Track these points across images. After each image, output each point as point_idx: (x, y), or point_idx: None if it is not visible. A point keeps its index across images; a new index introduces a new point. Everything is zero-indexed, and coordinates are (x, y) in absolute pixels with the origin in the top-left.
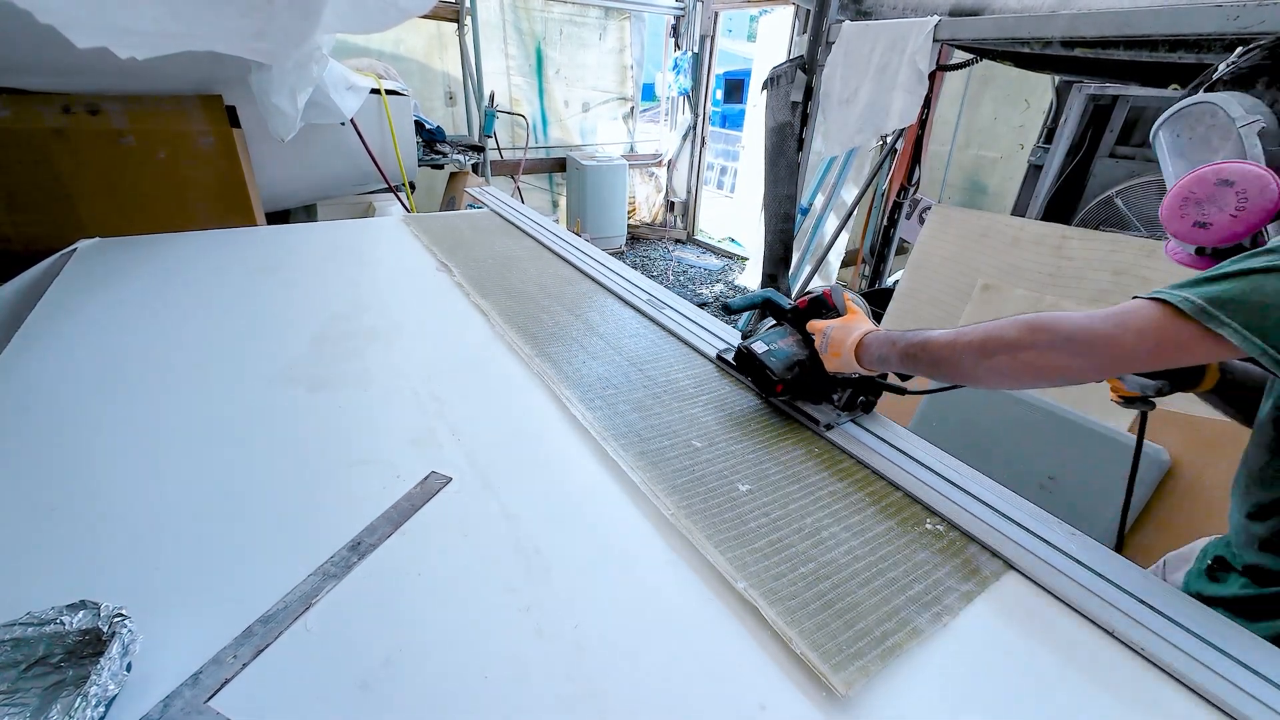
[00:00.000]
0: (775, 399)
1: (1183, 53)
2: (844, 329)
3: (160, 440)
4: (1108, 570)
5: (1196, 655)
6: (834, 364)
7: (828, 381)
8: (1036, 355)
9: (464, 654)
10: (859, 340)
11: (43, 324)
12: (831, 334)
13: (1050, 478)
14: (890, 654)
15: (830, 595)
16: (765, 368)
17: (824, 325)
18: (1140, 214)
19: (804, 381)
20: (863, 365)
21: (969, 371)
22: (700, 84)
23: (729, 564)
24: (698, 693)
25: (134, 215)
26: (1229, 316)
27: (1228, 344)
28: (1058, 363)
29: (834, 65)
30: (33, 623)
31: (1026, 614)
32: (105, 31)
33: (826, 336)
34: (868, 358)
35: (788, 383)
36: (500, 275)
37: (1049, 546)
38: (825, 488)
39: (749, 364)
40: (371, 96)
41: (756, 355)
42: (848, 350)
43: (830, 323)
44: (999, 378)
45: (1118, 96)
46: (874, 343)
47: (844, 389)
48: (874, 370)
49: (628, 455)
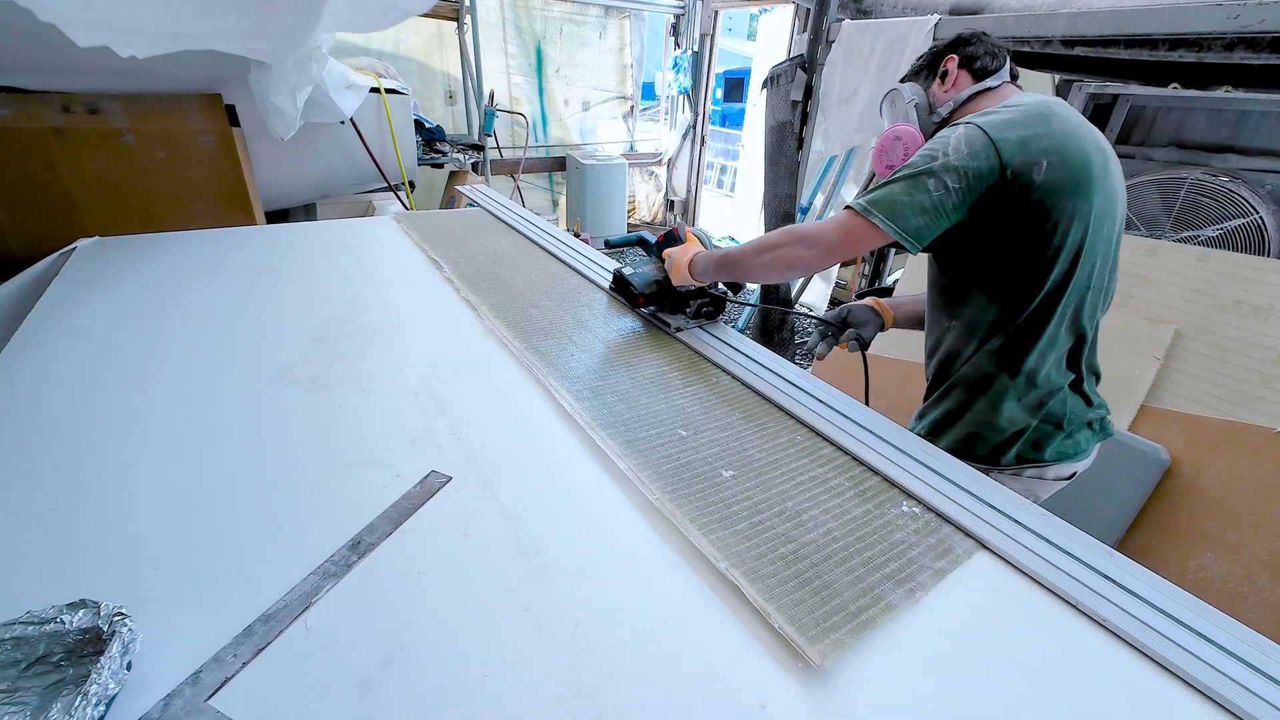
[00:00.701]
0: (641, 310)
1: (1183, 51)
2: (682, 252)
3: (160, 439)
4: (1073, 547)
5: (1153, 624)
6: (677, 279)
7: (678, 295)
8: (785, 251)
9: (464, 654)
10: (690, 260)
11: (42, 323)
12: (674, 257)
13: None
14: (864, 627)
15: (808, 574)
16: (630, 286)
17: (670, 251)
18: (1140, 213)
19: (661, 296)
20: (694, 278)
21: (751, 268)
22: (700, 83)
23: (711, 545)
24: (698, 692)
25: (134, 214)
26: (877, 211)
27: (879, 230)
28: (796, 254)
29: (834, 64)
30: (33, 621)
31: (996, 589)
32: (105, 30)
33: (670, 259)
34: (696, 271)
35: (647, 296)
36: (491, 272)
37: (1019, 526)
38: (806, 473)
39: (622, 285)
40: (371, 95)
41: (625, 277)
42: (683, 268)
43: (673, 249)
44: (768, 270)
45: (1118, 95)
46: (700, 260)
47: (693, 300)
48: (703, 281)
49: (615, 444)
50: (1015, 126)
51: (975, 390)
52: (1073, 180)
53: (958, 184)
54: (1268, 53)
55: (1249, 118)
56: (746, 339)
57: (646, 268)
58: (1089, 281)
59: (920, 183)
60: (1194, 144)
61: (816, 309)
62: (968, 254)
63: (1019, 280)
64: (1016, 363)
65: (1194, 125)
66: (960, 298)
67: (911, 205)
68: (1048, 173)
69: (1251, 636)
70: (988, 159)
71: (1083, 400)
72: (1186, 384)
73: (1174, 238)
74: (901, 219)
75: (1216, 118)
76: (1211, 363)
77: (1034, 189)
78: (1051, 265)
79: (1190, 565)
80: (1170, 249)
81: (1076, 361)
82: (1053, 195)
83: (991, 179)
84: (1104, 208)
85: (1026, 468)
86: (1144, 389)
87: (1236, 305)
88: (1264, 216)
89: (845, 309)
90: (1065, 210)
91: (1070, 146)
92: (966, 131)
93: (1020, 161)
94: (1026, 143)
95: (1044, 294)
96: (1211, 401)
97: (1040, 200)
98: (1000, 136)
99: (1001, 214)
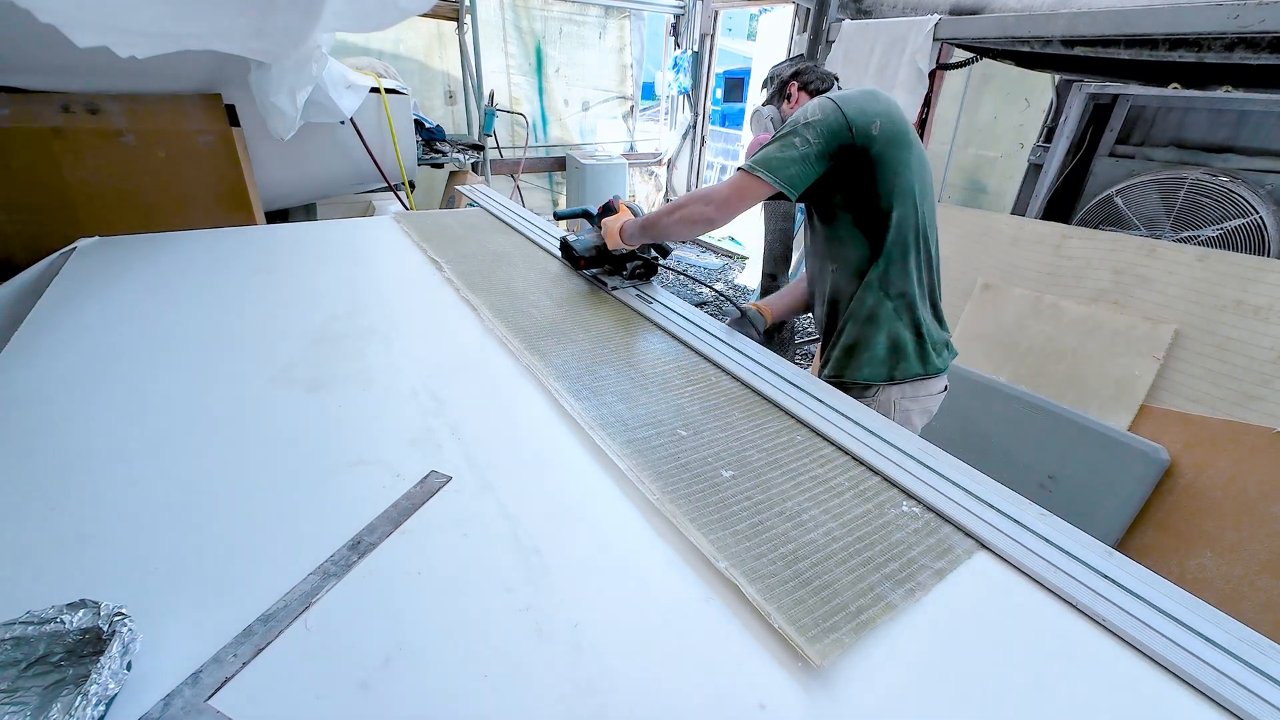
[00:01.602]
0: (583, 271)
1: (1183, 51)
2: (614, 220)
3: (160, 439)
4: (1073, 547)
5: (1153, 624)
6: (611, 244)
7: (615, 258)
8: (690, 209)
9: (464, 654)
10: (620, 226)
11: (42, 323)
12: (607, 225)
13: (1050, 477)
14: (864, 627)
15: (808, 574)
16: (572, 250)
17: (605, 220)
18: (1140, 213)
19: (599, 259)
20: (624, 242)
21: (665, 227)
22: (700, 83)
23: (711, 545)
24: (697, 691)
25: (133, 214)
26: (760, 168)
27: (765, 182)
28: (699, 211)
29: (834, 64)
30: (33, 621)
31: (996, 589)
32: (106, 31)
33: (605, 227)
34: (625, 236)
35: (587, 260)
36: (491, 272)
37: (1019, 526)
38: (806, 473)
39: (567, 250)
40: (371, 95)
41: (569, 244)
42: (615, 234)
43: (609, 219)
44: (678, 227)
45: (1118, 95)
46: (628, 226)
47: (628, 263)
48: (632, 244)
49: (615, 444)
50: (853, 99)
51: (865, 320)
52: (900, 137)
53: (816, 137)
54: (1268, 53)
55: (1249, 118)
56: (747, 339)
57: (588, 236)
58: (929, 216)
59: (788, 141)
60: (1194, 144)
61: None
62: (837, 202)
63: (877, 215)
64: (890, 287)
65: (1194, 125)
66: (837, 241)
67: (784, 159)
68: (882, 130)
69: (1251, 636)
70: (836, 118)
71: (938, 323)
72: (1186, 384)
73: (1174, 238)
74: (779, 171)
75: (1216, 118)
76: (1211, 363)
77: (874, 142)
78: (898, 202)
79: (1190, 565)
80: (1170, 249)
81: (932, 289)
82: (888, 148)
83: (842, 134)
84: (921, 160)
85: (917, 382)
86: (1144, 389)
87: (1236, 305)
88: (1264, 216)
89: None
90: (899, 159)
91: (894, 113)
92: (819, 101)
93: (861, 121)
94: (863, 108)
95: (896, 223)
96: (1211, 401)
97: (881, 152)
98: (843, 101)
99: (855, 165)
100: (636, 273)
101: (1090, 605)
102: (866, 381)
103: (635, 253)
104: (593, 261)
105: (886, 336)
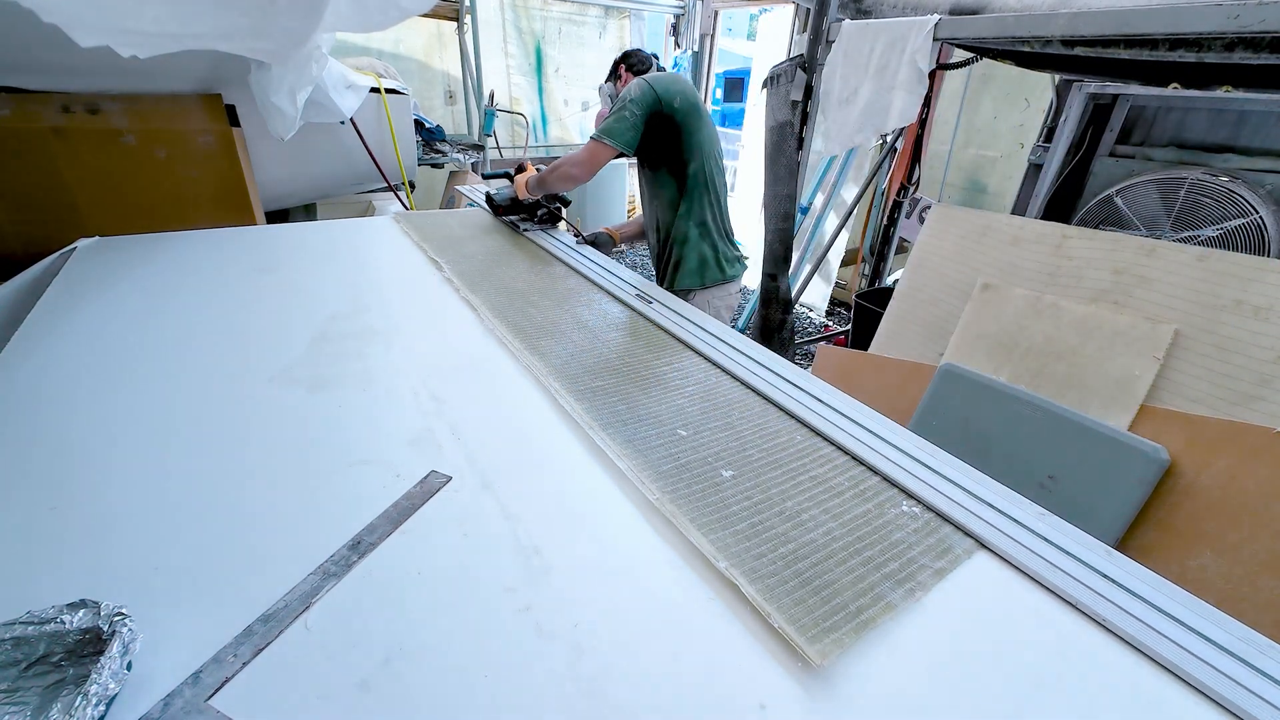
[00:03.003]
0: (501, 218)
1: (1183, 51)
2: (522, 177)
3: (160, 439)
4: (1073, 547)
5: (1153, 624)
6: (520, 195)
7: (526, 206)
8: (564, 169)
9: (464, 654)
10: (524, 181)
11: (43, 323)
12: (516, 180)
13: (1050, 477)
14: (864, 627)
15: (808, 573)
16: (493, 200)
17: (517, 177)
18: (1140, 213)
19: (513, 208)
20: (529, 193)
21: (549, 182)
22: (700, 83)
23: (711, 545)
24: (697, 691)
25: (133, 214)
26: (606, 136)
27: (610, 146)
28: (569, 170)
29: (834, 64)
30: (33, 621)
31: (995, 588)
32: (107, 31)
33: (515, 183)
34: (529, 188)
35: (504, 208)
36: (491, 271)
37: (1019, 526)
38: (806, 473)
39: (490, 201)
40: (371, 95)
41: (491, 196)
42: (522, 187)
43: (519, 175)
44: (558, 182)
45: (1118, 95)
46: (529, 181)
47: (538, 210)
48: (535, 195)
49: (615, 444)
50: (661, 80)
51: (683, 241)
52: (694, 109)
53: (637, 110)
54: (1268, 53)
55: (1249, 118)
56: (746, 338)
57: (505, 190)
58: (716, 169)
59: (621, 114)
60: (1194, 144)
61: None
62: (656, 156)
63: (681, 166)
64: (693, 217)
65: (1194, 125)
66: (658, 184)
67: (621, 128)
68: (680, 104)
69: (1252, 636)
70: (649, 95)
71: (729, 244)
72: (1186, 384)
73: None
74: (619, 137)
75: (1216, 118)
76: (1211, 363)
77: (676, 113)
78: (692, 157)
79: (1190, 565)
80: (1170, 249)
81: (723, 219)
82: (686, 117)
83: (655, 106)
84: (710, 128)
85: (719, 286)
86: (1144, 389)
87: (1236, 305)
88: (1264, 216)
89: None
90: (694, 126)
91: (689, 94)
92: (637, 81)
93: (667, 97)
94: (668, 88)
95: (693, 172)
96: (1211, 401)
97: (682, 121)
98: (654, 81)
99: (664, 130)
100: (543, 219)
101: (1090, 605)
102: (688, 288)
103: (543, 203)
104: (509, 210)
105: (696, 254)
